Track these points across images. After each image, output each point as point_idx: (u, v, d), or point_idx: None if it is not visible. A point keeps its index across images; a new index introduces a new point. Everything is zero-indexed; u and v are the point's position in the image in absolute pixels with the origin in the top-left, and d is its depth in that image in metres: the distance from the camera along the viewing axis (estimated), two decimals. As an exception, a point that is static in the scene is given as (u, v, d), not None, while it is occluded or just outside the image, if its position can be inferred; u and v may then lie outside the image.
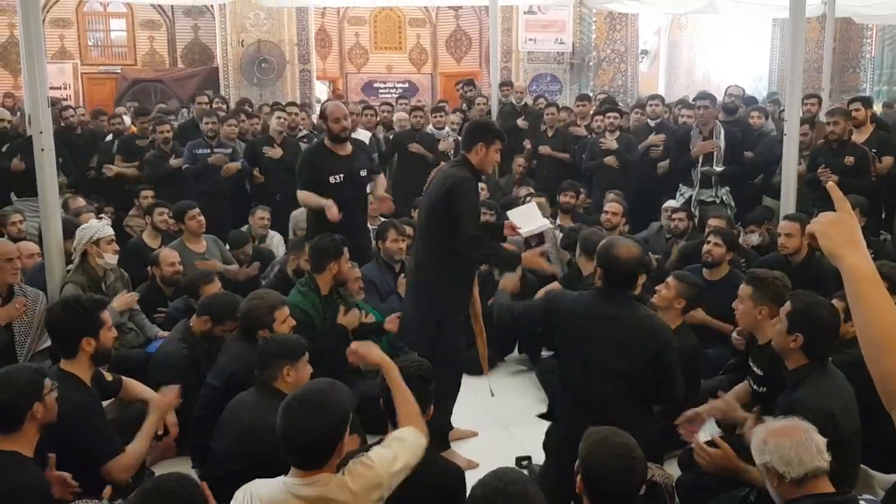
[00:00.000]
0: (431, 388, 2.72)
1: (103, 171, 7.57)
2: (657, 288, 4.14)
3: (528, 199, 6.23)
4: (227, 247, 6.02)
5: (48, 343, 4.18)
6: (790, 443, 2.30)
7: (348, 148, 5.34)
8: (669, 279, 4.13)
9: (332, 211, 4.98)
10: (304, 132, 8.25)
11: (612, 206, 6.17)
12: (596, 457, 2.33)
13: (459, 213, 3.84)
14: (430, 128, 8.63)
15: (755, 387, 3.46)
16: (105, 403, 3.47)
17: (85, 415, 3.08)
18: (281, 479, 2.29)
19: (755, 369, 3.48)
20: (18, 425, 2.68)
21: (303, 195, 5.29)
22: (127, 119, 9.09)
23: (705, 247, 4.93)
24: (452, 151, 7.67)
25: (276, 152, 7.22)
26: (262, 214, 6.55)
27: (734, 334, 4.16)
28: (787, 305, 3.05)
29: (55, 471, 2.85)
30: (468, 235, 3.84)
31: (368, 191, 5.59)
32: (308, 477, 2.26)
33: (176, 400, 3.55)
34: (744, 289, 3.58)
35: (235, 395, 3.33)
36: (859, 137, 6.40)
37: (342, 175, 5.21)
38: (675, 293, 4.04)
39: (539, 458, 3.63)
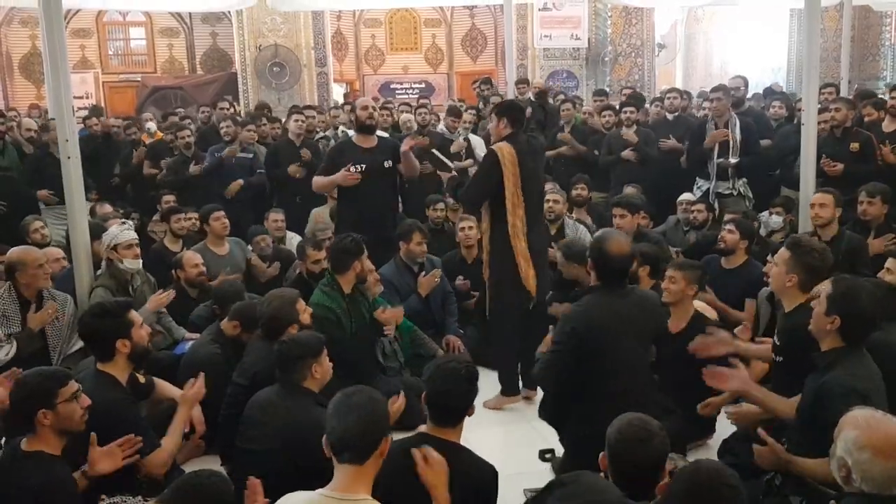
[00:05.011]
0: (476, 388, 2.76)
1: (158, 178, 7.65)
2: (663, 286, 4.11)
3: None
4: (250, 249, 6.10)
5: (79, 345, 4.28)
6: (884, 467, 2.14)
7: (373, 141, 5.60)
8: (670, 272, 4.09)
9: (346, 175, 5.31)
10: (322, 134, 8.31)
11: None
12: (614, 428, 2.40)
13: None
14: (440, 126, 8.57)
15: (773, 355, 3.45)
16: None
17: (120, 412, 3.15)
18: (317, 491, 2.29)
19: (774, 338, 3.47)
20: (34, 428, 2.76)
21: (315, 180, 5.62)
22: (153, 125, 9.17)
23: (721, 234, 4.99)
24: (464, 152, 7.66)
25: (306, 154, 7.28)
26: (275, 217, 6.60)
27: (736, 331, 4.15)
28: (829, 287, 3.01)
29: (97, 447, 2.94)
30: None
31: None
32: (347, 493, 2.26)
33: (201, 390, 3.55)
34: (782, 252, 3.44)
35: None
36: (891, 125, 6.40)
37: (364, 165, 5.40)
38: (683, 283, 4.05)
39: (561, 451, 3.67)
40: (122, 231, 4.75)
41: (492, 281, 4.71)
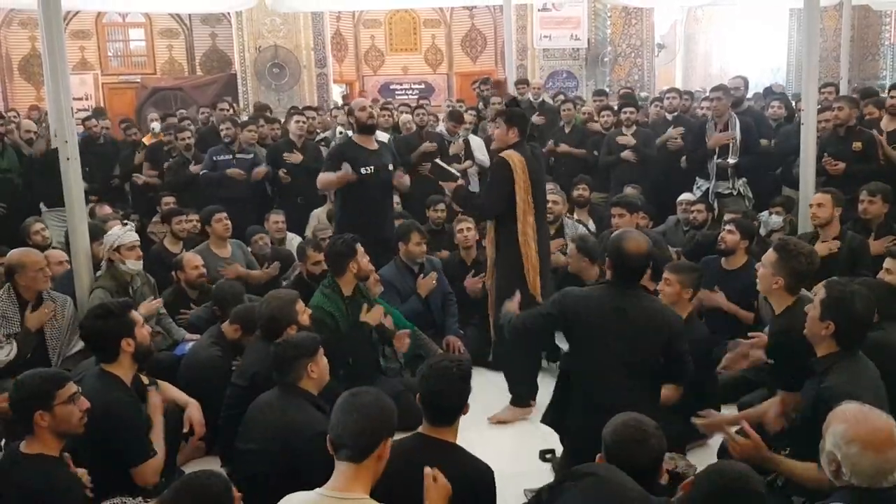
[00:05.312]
0: (469, 386, 2.77)
1: (134, 180, 7.66)
2: (658, 287, 4.07)
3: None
4: (250, 250, 6.10)
5: (79, 347, 4.28)
6: (873, 460, 2.13)
7: (374, 143, 5.61)
8: (667, 274, 4.07)
9: (346, 174, 5.32)
10: (322, 135, 8.30)
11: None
12: (610, 428, 2.43)
13: None
14: (440, 127, 8.52)
15: (765, 357, 3.45)
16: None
17: (122, 413, 3.14)
18: (315, 491, 2.30)
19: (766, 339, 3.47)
20: (31, 429, 2.76)
21: (322, 177, 5.56)
22: (157, 125, 9.18)
23: (721, 234, 4.99)
24: (463, 153, 7.65)
25: (295, 157, 7.26)
26: (276, 218, 6.61)
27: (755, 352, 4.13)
28: (822, 292, 3.00)
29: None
30: None
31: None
32: (346, 492, 2.26)
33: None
34: (769, 254, 3.43)
35: (258, 394, 3.38)
36: (891, 124, 6.40)
37: (372, 167, 5.42)
38: (678, 286, 4.02)
39: (561, 450, 3.67)
40: (125, 232, 4.74)
41: (497, 286, 4.58)
